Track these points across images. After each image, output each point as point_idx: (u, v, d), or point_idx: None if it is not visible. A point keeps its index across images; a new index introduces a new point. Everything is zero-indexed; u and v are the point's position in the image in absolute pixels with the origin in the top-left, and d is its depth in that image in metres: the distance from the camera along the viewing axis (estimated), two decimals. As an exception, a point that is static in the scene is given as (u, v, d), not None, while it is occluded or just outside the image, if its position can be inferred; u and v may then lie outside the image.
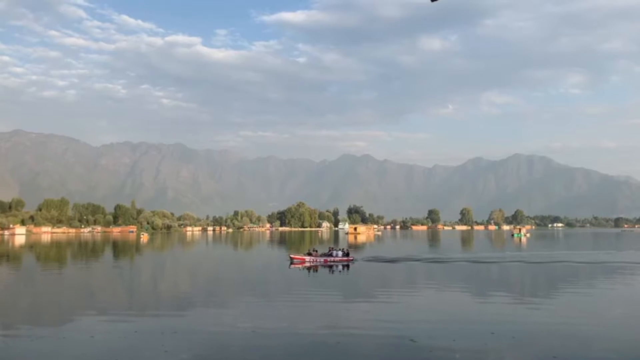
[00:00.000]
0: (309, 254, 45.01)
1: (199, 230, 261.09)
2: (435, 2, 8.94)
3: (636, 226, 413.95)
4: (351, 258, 44.95)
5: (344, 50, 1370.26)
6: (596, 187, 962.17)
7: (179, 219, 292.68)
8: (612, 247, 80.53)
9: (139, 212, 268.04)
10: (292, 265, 42.14)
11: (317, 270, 39.05)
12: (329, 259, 43.97)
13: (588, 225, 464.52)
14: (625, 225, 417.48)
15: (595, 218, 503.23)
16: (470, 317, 19.91)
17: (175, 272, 41.78)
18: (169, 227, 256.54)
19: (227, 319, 19.71)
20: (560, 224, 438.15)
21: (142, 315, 20.60)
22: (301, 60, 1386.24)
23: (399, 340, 15.54)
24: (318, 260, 43.82)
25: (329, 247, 48.20)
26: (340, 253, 45.14)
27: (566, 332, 16.80)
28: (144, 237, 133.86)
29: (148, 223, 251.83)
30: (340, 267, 40.86)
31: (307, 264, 42.42)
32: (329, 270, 38.94)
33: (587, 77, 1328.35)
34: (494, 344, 15.20)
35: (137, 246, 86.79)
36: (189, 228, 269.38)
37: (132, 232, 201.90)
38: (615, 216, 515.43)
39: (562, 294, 27.04)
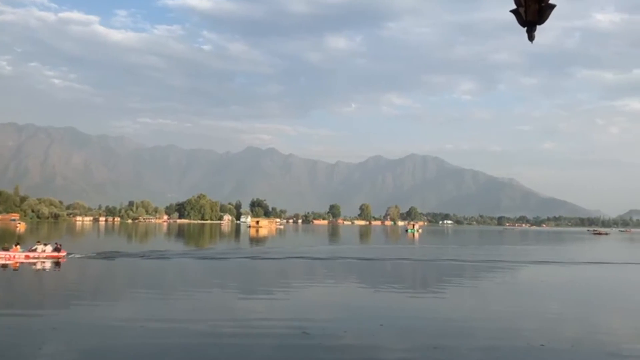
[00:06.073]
0: (5, 249, 38.05)
1: (90, 221, 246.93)
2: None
3: (516, 224, 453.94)
4: (62, 254, 39.20)
5: (251, 41, 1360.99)
6: (483, 188, 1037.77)
7: (68, 207, 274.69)
8: (497, 243, 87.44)
9: (23, 199, 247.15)
10: None
11: (17, 269, 33.27)
12: (31, 254, 38.00)
13: (474, 222, 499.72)
14: (507, 224, 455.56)
15: (481, 216, 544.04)
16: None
17: (63, 263, 38.67)
18: (56, 216, 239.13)
19: (115, 314, 18.76)
20: (449, 221, 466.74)
21: (16, 311, 19.03)
22: (206, 48, 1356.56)
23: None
24: (17, 256, 36.97)
25: (37, 241, 42.06)
26: (49, 248, 39.41)
27: (448, 324, 17.90)
28: (21, 227, 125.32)
29: (33, 211, 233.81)
30: (48, 264, 35.67)
31: (3, 261, 35.50)
32: (33, 269, 33.71)
33: (478, 85, 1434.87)
34: (382, 335, 15.84)
35: (18, 235, 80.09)
36: (79, 218, 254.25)
37: (15, 220, 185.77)
38: (498, 215, 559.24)
39: (448, 288, 28.74)
